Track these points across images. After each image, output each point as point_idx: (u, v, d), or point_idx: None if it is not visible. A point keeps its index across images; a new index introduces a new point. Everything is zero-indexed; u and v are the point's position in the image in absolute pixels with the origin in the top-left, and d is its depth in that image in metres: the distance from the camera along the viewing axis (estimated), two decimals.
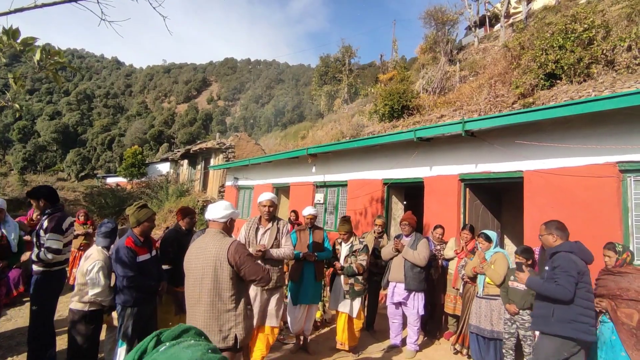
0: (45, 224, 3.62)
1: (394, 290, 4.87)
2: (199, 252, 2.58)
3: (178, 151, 20.58)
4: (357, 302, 4.69)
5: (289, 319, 4.73)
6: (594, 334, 3.01)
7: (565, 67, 8.83)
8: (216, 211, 2.71)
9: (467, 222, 5.79)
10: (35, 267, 3.63)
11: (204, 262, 2.53)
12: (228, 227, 2.74)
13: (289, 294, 4.80)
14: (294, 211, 6.96)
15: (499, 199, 6.84)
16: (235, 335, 2.49)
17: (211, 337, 2.45)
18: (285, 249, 3.91)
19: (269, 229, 3.94)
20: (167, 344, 0.83)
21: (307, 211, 4.95)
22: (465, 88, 14.42)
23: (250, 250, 3.51)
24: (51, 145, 53.70)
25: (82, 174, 47.33)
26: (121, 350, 3.44)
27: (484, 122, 5.21)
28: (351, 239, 4.90)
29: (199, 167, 16.94)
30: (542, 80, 9.45)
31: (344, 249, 4.91)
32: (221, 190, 13.90)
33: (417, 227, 5.16)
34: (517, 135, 5.10)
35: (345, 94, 25.06)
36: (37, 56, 2.57)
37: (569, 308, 2.95)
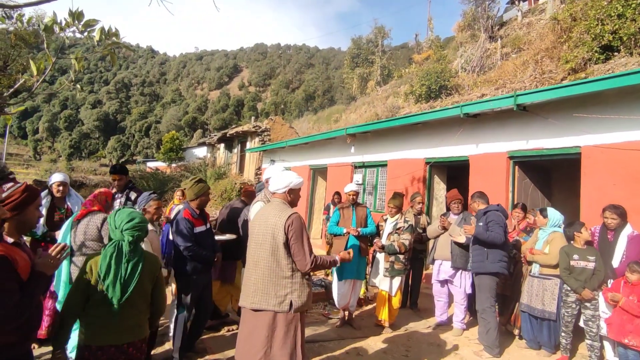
0: (134, 195, 4.05)
1: (440, 268, 4.82)
2: (262, 218, 2.67)
3: (215, 135, 21.07)
4: (397, 281, 4.67)
5: (334, 295, 4.80)
6: (507, 270, 4.16)
7: (625, 38, 8.18)
8: (275, 184, 2.76)
9: (516, 202, 5.59)
10: None
11: (264, 228, 2.62)
12: (290, 198, 2.77)
13: (333, 270, 4.85)
14: (337, 193, 6.96)
15: (549, 177, 6.53)
16: (291, 301, 2.55)
17: (268, 300, 2.54)
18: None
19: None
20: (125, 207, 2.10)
21: (350, 188, 4.95)
22: (507, 65, 13.73)
23: None
24: (94, 132, 56.50)
25: (123, 159, 49.59)
26: (181, 316, 3.62)
27: (539, 95, 4.94)
28: (397, 216, 4.83)
29: (235, 150, 17.29)
30: (596, 54, 8.82)
31: (387, 226, 4.84)
32: (258, 173, 14.14)
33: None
34: (575, 108, 4.80)
35: (378, 76, 24.56)
36: (97, 36, 2.65)
37: (497, 251, 4.02)
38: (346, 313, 4.83)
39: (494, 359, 3.98)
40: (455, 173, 7.54)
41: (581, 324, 3.84)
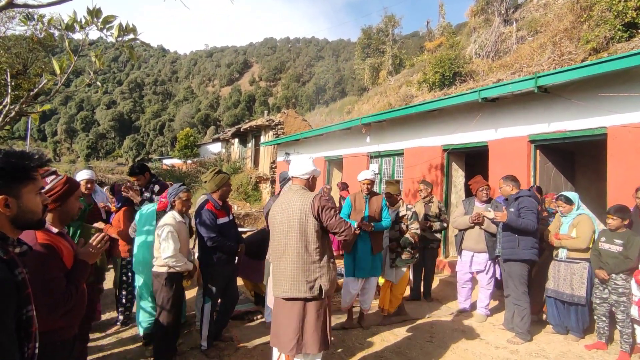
0: (157, 188, 4.14)
1: (473, 259, 4.69)
2: (283, 206, 2.66)
3: (229, 130, 21.23)
4: (402, 270, 4.44)
5: (342, 291, 4.38)
6: (538, 256, 4.08)
7: None
8: (299, 168, 2.75)
9: (537, 186, 5.49)
10: None
11: (289, 216, 2.61)
12: (310, 184, 2.79)
13: (345, 265, 4.30)
14: (344, 183, 6.53)
15: (572, 160, 6.37)
16: (320, 285, 2.58)
17: (298, 287, 2.56)
18: None
19: None
20: None
21: (364, 176, 4.28)
22: (524, 49, 13.38)
23: None
24: (110, 132, 57.64)
25: (138, 158, 50.47)
26: (207, 306, 3.68)
27: (562, 76, 4.79)
28: (397, 205, 4.52)
29: (249, 145, 17.40)
30: (619, 32, 8.52)
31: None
32: (273, 166, 14.21)
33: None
34: (600, 88, 4.65)
35: (390, 66, 24.25)
36: (116, 33, 2.69)
37: (528, 238, 3.96)
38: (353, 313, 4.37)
39: (525, 344, 3.93)
40: (473, 159, 7.42)
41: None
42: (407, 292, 5.22)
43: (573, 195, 4.19)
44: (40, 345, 1.66)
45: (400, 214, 4.44)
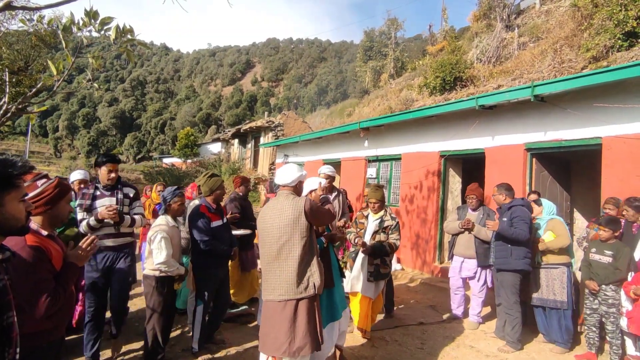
0: (132, 191, 3.60)
1: (463, 265, 4.73)
2: (274, 212, 2.72)
3: (229, 131, 21.27)
4: (380, 285, 4.21)
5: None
6: (531, 265, 4.06)
7: None
8: (286, 177, 2.83)
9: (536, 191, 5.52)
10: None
11: (280, 221, 2.67)
12: (297, 189, 2.88)
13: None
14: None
15: (568, 169, 6.39)
16: (313, 283, 2.66)
17: (293, 288, 2.62)
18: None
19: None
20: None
21: (313, 184, 3.25)
22: (525, 55, 13.38)
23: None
24: (111, 130, 57.66)
25: (139, 156, 50.53)
26: (199, 309, 3.69)
27: (557, 85, 4.81)
28: (381, 212, 4.17)
29: (249, 145, 17.44)
30: (619, 41, 8.50)
31: (371, 224, 4.17)
32: (272, 168, 14.24)
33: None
34: (595, 98, 4.66)
35: (392, 69, 24.27)
36: (113, 35, 2.71)
37: (521, 248, 3.96)
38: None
39: (515, 353, 3.95)
40: (470, 166, 7.44)
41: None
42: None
43: (546, 202, 4.37)
44: (27, 347, 1.69)
45: (385, 224, 4.10)
